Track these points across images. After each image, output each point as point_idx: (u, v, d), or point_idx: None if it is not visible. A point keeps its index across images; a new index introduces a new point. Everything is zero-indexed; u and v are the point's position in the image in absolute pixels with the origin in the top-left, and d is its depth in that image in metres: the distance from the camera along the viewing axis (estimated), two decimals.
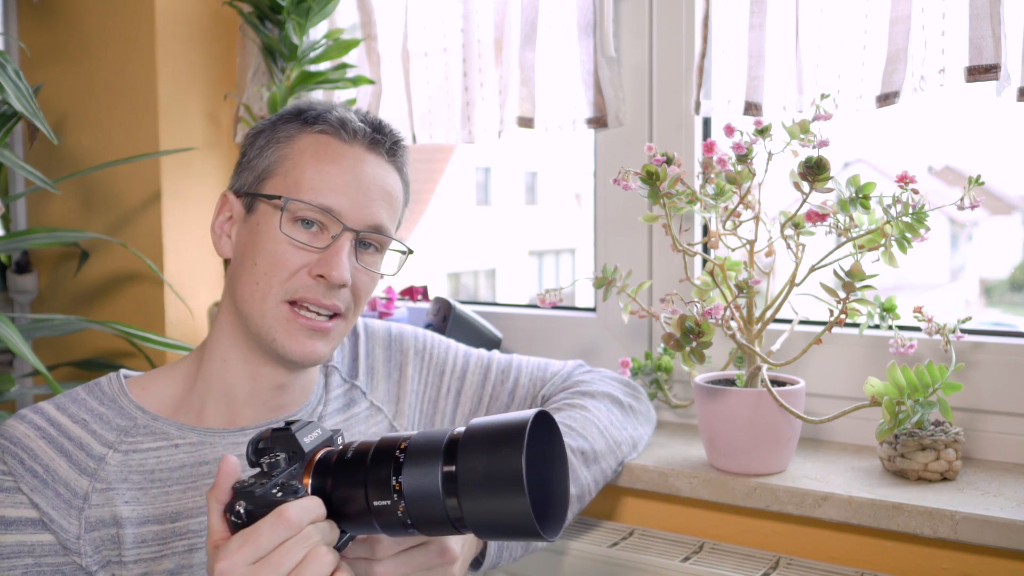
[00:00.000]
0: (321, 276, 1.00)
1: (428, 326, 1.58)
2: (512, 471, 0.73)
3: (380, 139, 1.06)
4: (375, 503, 0.78)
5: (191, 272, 1.91)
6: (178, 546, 1.00)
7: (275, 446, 0.81)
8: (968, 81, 1.17)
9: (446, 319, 1.56)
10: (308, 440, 0.82)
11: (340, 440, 0.87)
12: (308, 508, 0.77)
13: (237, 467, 0.79)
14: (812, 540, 1.25)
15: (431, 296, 1.75)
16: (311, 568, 0.75)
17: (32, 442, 0.98)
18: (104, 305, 1.97)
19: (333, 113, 1.05)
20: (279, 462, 0.79)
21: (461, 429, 0.79)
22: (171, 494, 1.01)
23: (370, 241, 1.05)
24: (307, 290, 1.01)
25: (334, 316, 1.03)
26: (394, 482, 0.77)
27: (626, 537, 1.32)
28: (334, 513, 0.80)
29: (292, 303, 1.01)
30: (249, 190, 1.05)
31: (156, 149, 1.84)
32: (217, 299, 1.94)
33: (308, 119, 1.05)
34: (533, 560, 1.31)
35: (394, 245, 1.09)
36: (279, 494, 0.76)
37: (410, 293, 1.77)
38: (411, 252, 1.11)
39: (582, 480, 1.16)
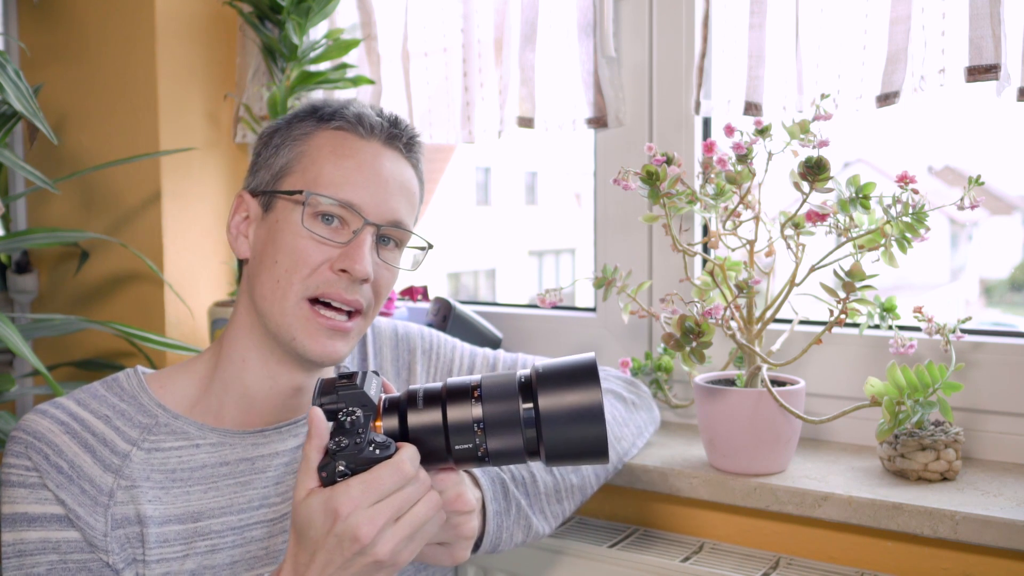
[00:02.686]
0: (344, 271, 1.00)
1: (428, 326, 1.58)
2: (593, 404, 0.85)
3: (397, 134, 1.06)
4: (457, 447, 0.87)
5: (191, 272, 1.91)
6: (200, 546, 1.00)
7: (346, 402, 0.86)
8: (968, 81, 1.17)
9: (446, 319, 1.56)
10: (372, 392, 0.88)
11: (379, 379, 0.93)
12: (414, 457, 0.85)
13: (324, 419, 0.85)
14: (812, 540, 1.25)
15: (431, 296, 1.75)
16: (424, 508, 0.85)
17: (56, 437, 0.98)
18: (104, 305, 1.97)
19: (350, 109, 1.05)
20: (359, 418, 0.85)
21: (526, 371, 0.89)
22: (192, 494, 1.01)
23: (390, 236, 1.05)
24: (329, 285, 1.00)
25: (354, 315, 1.03)
26: (476, 428, 0.86)
27: (626, 537, 1.32)
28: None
29: (313, 301, 1.01)
30: (267, 188, 1.05)
31: (156, 149, 1.84)
32: (217, 299, 1.94)
33: (324, 116, 1.05)
34: (533, 560, 1.31)
35: (414, 241, 1.09)
36: (376, 451, 0.83)
37: (410, 293, 1.77)
38: (431, 247, 1.10)
39: (584, 470, 1.16)
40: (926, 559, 1.17)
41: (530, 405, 0.86)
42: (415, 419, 0.87)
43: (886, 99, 1.24)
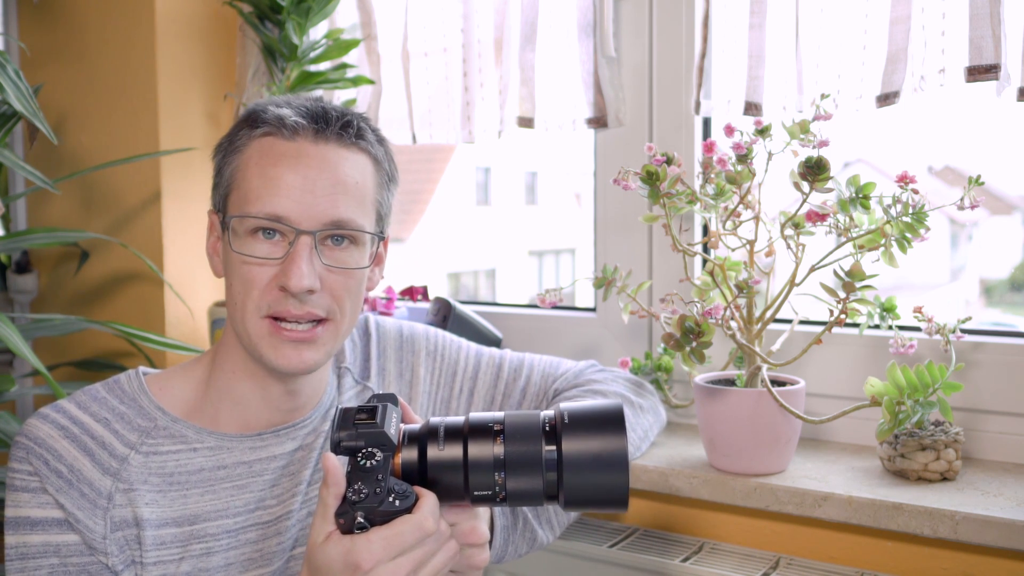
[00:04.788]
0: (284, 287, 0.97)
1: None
2: (618, 453, 0.83)
3: (323, 128, 0.99)
4: (476, 491, 0.85)
5: (191, 272, 1.91)
6: (195, 549, 1.01)
7: (366, 440, 0.84)
8: (968, 81, 1.17)
9: (446, 319, 1.56)
10: (392, 428, 0.86)
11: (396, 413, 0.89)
12: (435, 510, 0.84)
13: (340, 465, 0.83)
14: (812, 540, 1.25)
15: (431, 296, 1.75)
16: (442, 557, 0.85)
17: (56, 442, 0.98)
18: (104, 305, 1.97)
19: (270, 112, 0.99)
20: (379, 463, 0.83)
21: (550, 412, 0.87)
22: (189, 497, 1.02)
23: (341, 235, 1.00)
24: (279, 304, 0.98)
25: (320, 323, 1.00)
26: (496, 467, 0.84)
27: (626, 537, 1.32)
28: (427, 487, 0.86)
29: (272, 319, 0.99)
30: (218, 209, 1.04)
31: (156, 149, 1.84)
32: (217, 299, 1.94)
33: (252, 123, 1.01)
34: (533, 560, 1.31)
35: (374, 230, 1.03)
36: (396, 503, 0.82)
37: (410, 293, 1.77)
38: (381, 236, 1.05)
39: None
40: (926, 559, 1.17)
41: (553, 448, 0.84)
42: (435, 454, 0.85)
43: (886, 99, 1.24)
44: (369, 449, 0.83)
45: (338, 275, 1.00)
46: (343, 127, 1.00)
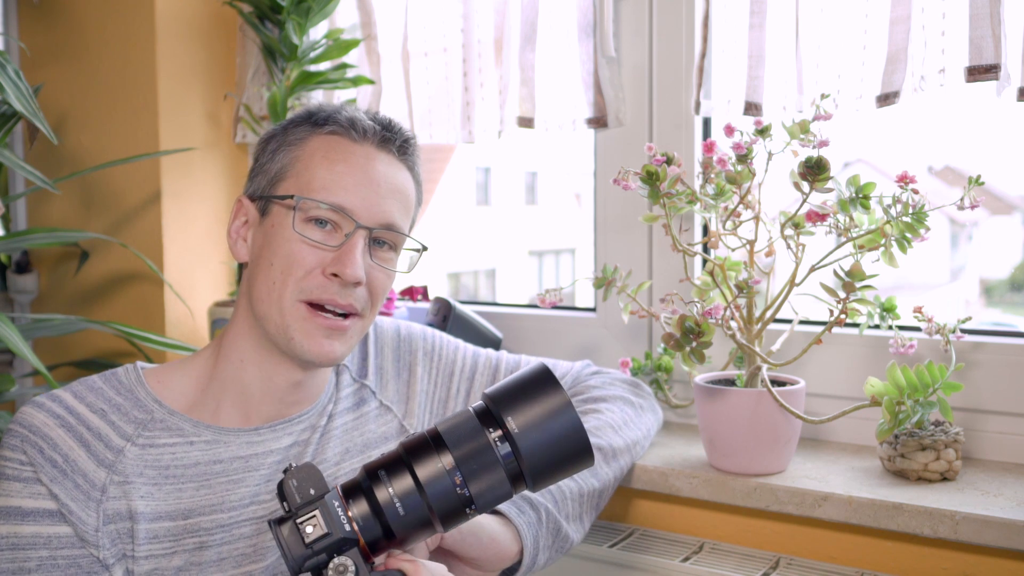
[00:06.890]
0: (335, 275, 1.00)
1: (428, 326, 1.58)
2: (560, 403, 0.82)
3: (390, 137, 1.07)
4: (440, 508, 0.82)
5: (191, 272, 1.91)
6: (188, 543, 1.01)
7: (327, 554, 0.79)
8: (968, 81, 1.17)
9: (446, 319, 1.56)
10: (342, 519, 0.81)
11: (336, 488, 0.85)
12: None
13: None
14: (812, 540, 1.25)
15: (431, 296, 1.75)
16: None
17: (51, 431, 0.98)
18: (104, 305, 1.97)
19: (343, 113, 1.06)
20: (354, 573, 0.79)
21: (480, 403, 0.85)
22: (184, 491, 1.02)
23: (384, 239, 1.06)
24: (323, 290, 1.01)
25: (350, 315, 1.03)
26: (453, 476, 0.81)
27: (626, 537, 1.32)
28: (389, 532, 0.82)
29: (309, 304, 1.01)
30: (262, 193, 1.06)
31: (156, 149, 1.84)
32: (217, 299, 1.94)
33: (318, 121, 1.06)
34: None
35: (410, 243, 1.10)
36: None
37: (410, 293, 1.77)
38: (425, 249, 1.11)
39: (603, 475, 1.16)
40: (926, 559, 1.17)
41: (500, 432, 0.82)
42: (384, 493, 0.81)
43: (886, 99, 1.24)
44: (337, 562, 0.79)
45: (379, 273, 1.06)
46: (404, 142, 1.09)
